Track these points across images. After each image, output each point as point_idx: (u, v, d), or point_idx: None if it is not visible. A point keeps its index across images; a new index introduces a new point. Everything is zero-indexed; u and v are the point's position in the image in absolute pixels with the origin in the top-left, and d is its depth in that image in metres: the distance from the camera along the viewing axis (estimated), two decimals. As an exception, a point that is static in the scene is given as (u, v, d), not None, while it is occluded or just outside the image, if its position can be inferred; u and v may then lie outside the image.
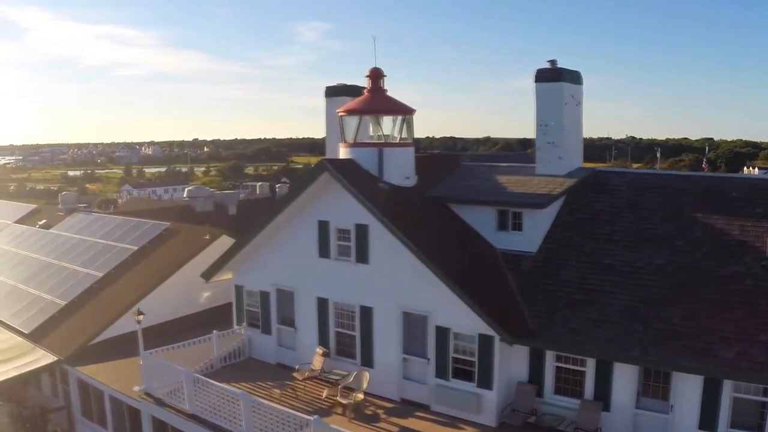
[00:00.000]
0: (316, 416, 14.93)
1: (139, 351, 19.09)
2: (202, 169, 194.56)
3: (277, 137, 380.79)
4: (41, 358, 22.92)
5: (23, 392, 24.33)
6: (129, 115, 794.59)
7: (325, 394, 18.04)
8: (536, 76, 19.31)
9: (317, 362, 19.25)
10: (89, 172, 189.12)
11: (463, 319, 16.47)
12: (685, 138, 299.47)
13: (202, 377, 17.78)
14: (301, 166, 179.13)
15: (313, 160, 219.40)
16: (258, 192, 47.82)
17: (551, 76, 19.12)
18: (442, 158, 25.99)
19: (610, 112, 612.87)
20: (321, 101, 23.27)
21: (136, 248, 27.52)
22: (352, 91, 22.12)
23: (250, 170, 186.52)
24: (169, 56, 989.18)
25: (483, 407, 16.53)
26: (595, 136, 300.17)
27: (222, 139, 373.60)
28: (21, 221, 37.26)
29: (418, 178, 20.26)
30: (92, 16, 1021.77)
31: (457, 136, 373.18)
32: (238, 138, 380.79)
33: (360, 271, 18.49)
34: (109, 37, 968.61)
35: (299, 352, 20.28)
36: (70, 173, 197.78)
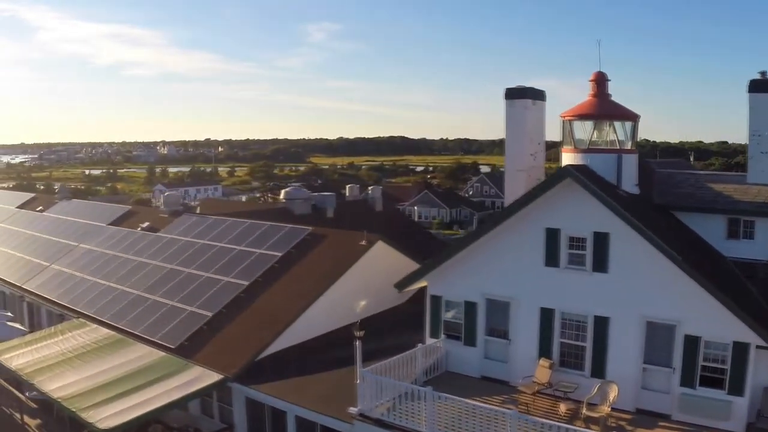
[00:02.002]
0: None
1: (356, 367, 17.13)
2: (227, 169, 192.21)
3: (288, 138, 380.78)
4: (202, 376, 20.65)
5: (167, 412, 22.07)
6: (140, 114, 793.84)
7: (563, 408, 16.76)
8: (750, 86, 18.88)
9: (542, 375, 17.78)
10: (111, 171, 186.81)
11: (715, 327, 15.77)
12: (700, 141, 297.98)
13: (449, 395, 15.91)
14: (327, 167, 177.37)
15: (337, 161, 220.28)
16: (348, 194, 45.43)
17: (766, 86, 18.75)
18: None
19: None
20: (329, 102, 22.38)
21: (280, 254, 25.29)
22: (534, 93, 21.26)
23: (275, 171, 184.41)
24: (178, 56, 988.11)
25: (733, 414, 15.69)
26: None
27: (234, 139, 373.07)
28: (116, 223, 35.11)
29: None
30: (101, 15, 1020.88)
31: (471, 138, 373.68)
32: (250, 138, 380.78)
33: (596, 280, 17.45)
34: (118, 36, 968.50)
35: (512, 365, 18.89)
36: (93, 172, 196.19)
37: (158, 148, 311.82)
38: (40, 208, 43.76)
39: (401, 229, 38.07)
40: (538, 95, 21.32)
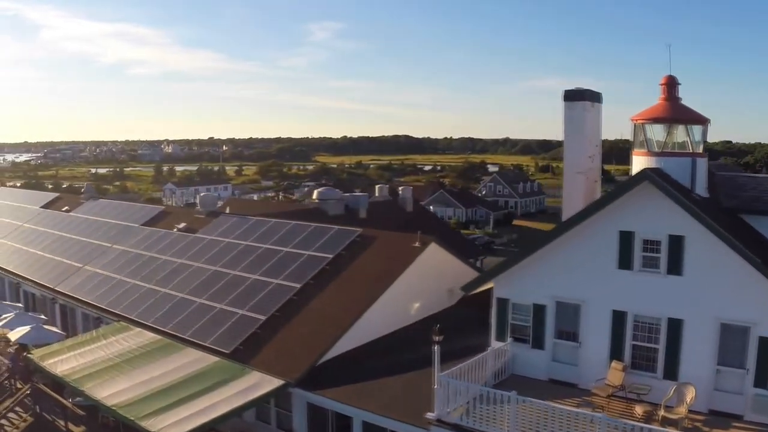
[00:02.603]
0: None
1: (434, 372, 16.81)
2: (234, 168, 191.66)
3: (292, 136, 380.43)
4: (261, 381, 20.32)
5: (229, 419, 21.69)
6: (143, 113, 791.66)
7: (639, 410, 16.58)
8: None
9: (615, 377, 17.59)
10: (117, 170, 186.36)
11: (790, 329, 15.62)
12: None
13: (534, 399, 15.80)
14: (335, 166, 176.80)
15: (345, 160, 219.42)
16: (377, 194, 45.12)
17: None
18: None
19: (620, 114, 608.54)
20: (332, 101, 21.97)
21: (330, 256, 24.95)
22: (592, 95, 21.06)
23: (284, 170, 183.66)
24: (182, 55, 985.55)
25: (806, 414, 15.59)
26: (611, 138, 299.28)
27: (237, 138, 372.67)
28: (149, 224, 34.75)
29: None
30: (105, 14, 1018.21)
31: (475, 137, 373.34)
32: (253, 137, 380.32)
33: (670, 282, 17.31)
34: (122, 35, 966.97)
35: (581, 368, 18.66)
36: (100, 171, 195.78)
37: (163, 146, 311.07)
38: (66, 208, 43.41)
39: (433, 229, 37.73)
40: (595, 97, 21.16)
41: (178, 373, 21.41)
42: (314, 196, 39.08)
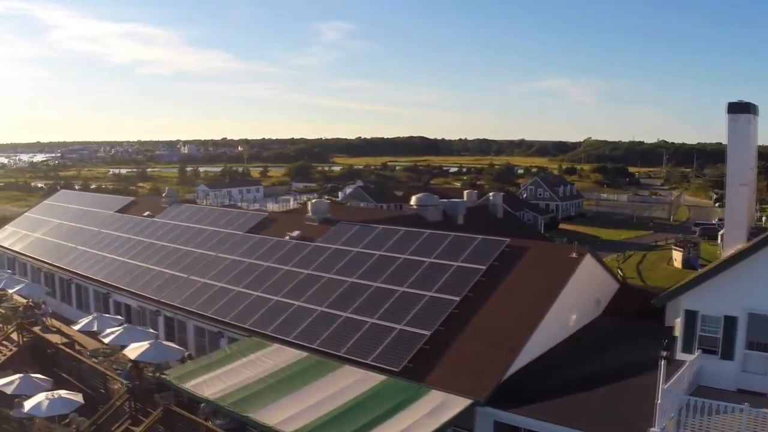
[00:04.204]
0: None
1: (659, 386, 16.10)
2: (258, 169, 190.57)
3: (304, 137, 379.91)
4: (446, 401, 19.09)
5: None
6: (154, 113, 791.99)
7: None
8: None
9: None
10: (141, 170, 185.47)
11: None
12: (719, 143, 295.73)
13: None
14: (362, 167, 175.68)
15: (370, 161, 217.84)
16: (466, 199, 43.94)
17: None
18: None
19: (637, 116, 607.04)
20: (342, 101, 20.70)
21: (483, 268, 23.87)
22: (754, 108, 21.41)
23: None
24: (192, 55, 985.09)
25: None
26: (625, 139, 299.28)
27: (250, 138, 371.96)
28: (255, 231, 33.53)
29: None
30: (115, 14, 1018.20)
31: (490, 138, 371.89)
32: (266, 137, 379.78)
33: None
34: (132, 35, 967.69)
35: None
36: (120, 171, 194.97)
37: (179, 147, 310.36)
38: (147, 213, 42.19)
39: (525, 235, 36.52)
40: (756, 110, 21.50)
41: (348, 394, 20.10)
42: (412, 202, 37.95)
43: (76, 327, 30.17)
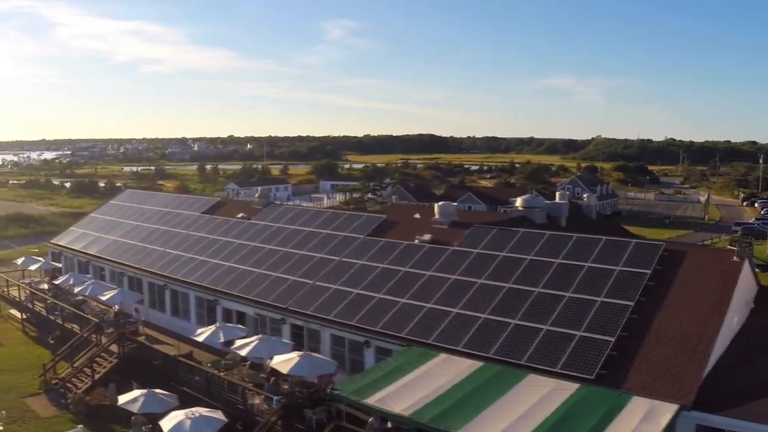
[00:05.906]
0: None
1: None
2: (278, 166, 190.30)
3: (312, 134, 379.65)
4: (653, 408, 19.29)
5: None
6: (159, 111, 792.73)
7: None
8: None
9: None
10: (159, 168, 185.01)
11: None
12: (728, 141, 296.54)
13: None
14: (383, 165, 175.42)
15: (392, 158, 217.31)
16: (558, 200, 44.05)
17: None
18: None
19: (643, 115, 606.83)
20: (348, 99, 20.57)
21: (647, 272, 24.48)
22: None
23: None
24: (197, 53, 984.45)
25: None
26: (632, 137, 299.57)
27: (256, 136, 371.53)
28: (375, 234, 33.60)
29: None
30: (120, 12, 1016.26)
31: (499, 136, 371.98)
32: (272, 135, 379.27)
33: None
34: (137, 33, 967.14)
35: None
36: (132, 169, 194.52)
37: (190, 144, 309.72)
38: (242, 215, 41.93)
39: (624, 236, 36.76)
40: None
41: (550, 404, 19.91)
42: (518, 203, 38.14)
43: (199, 338, 28.54)
